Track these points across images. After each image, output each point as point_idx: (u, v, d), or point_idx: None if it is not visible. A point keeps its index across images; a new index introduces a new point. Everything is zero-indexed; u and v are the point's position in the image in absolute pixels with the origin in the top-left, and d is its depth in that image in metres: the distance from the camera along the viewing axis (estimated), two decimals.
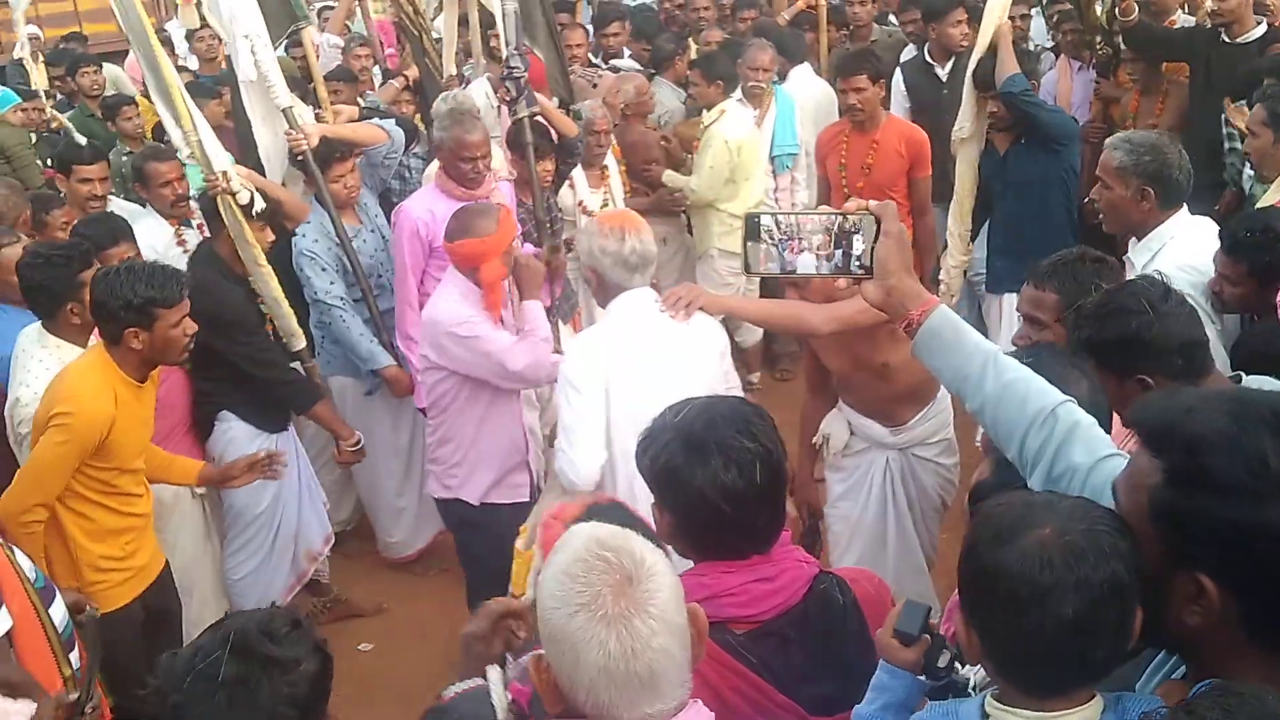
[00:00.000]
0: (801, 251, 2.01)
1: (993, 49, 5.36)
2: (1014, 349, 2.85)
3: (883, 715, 1.99)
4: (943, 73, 6.85)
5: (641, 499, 3.63)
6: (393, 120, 5.93)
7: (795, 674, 2.11)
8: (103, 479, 3.83)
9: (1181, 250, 3.76)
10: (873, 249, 1.99)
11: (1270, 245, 3.50)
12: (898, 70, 7.15)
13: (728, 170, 6.59)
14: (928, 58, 6.98)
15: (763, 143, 6.87)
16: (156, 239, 5.34)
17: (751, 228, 2.04)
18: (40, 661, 3.06)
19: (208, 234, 5.09)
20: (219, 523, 4.98)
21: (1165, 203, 3.85)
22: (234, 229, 4.70)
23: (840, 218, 2.00)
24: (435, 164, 5.41)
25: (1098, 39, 6.77)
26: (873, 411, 4.27)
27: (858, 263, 2.01)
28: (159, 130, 7.73)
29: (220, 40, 8.96)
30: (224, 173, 4.71)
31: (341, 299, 5.28)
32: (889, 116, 6.19)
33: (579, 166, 6.11)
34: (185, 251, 5.31)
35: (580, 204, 6.23)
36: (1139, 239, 3.91)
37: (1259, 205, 4.41)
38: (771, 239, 2.02)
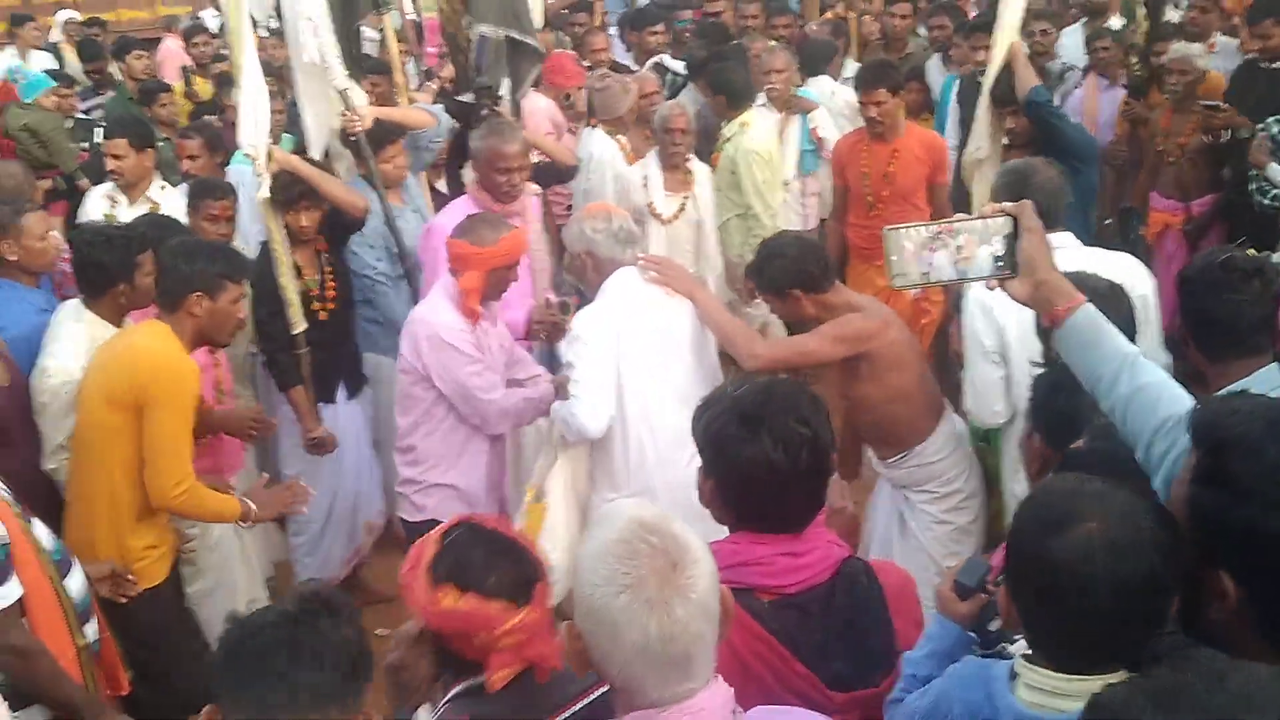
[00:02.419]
0: (938, 253, 2.04)
1: (1008, 66, 5.38)
2: None
3: (927, 661, 2.06)
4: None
5: (651, 463, 3.86)
6: (441, 107, 6.03)
7: (815, 648, 2.17)
8: None
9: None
10: (1014, 248, 2.02)
11: None
12: (952, 80, 7.15)
13: (771, 179, 6.55)
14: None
15: (789, 147, 6.89)
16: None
17: (893, 241, 2.06)
18: (53, 631, 3.07)
19: None
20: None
21: None
22: (263, 208, 4.90)
23: (978, 223, 2.04)
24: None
25: (1134, 59, 6.75)
26: (866, 437, 4.27)
27: (1000, 263, 2.04)
28: (196, 114, 7.89)
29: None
30: (252, 153, 4.83)
31: (386, 275, 5.43)
32: (908, 124, 6.23)
33: (659, 168, 6.04)
34: None
35: (650, 205, 6.10)
36: None
37: None
38: (913, 251, 2.05)
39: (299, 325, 4.94)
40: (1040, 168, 4.18)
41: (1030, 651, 1.81)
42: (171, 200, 5.65)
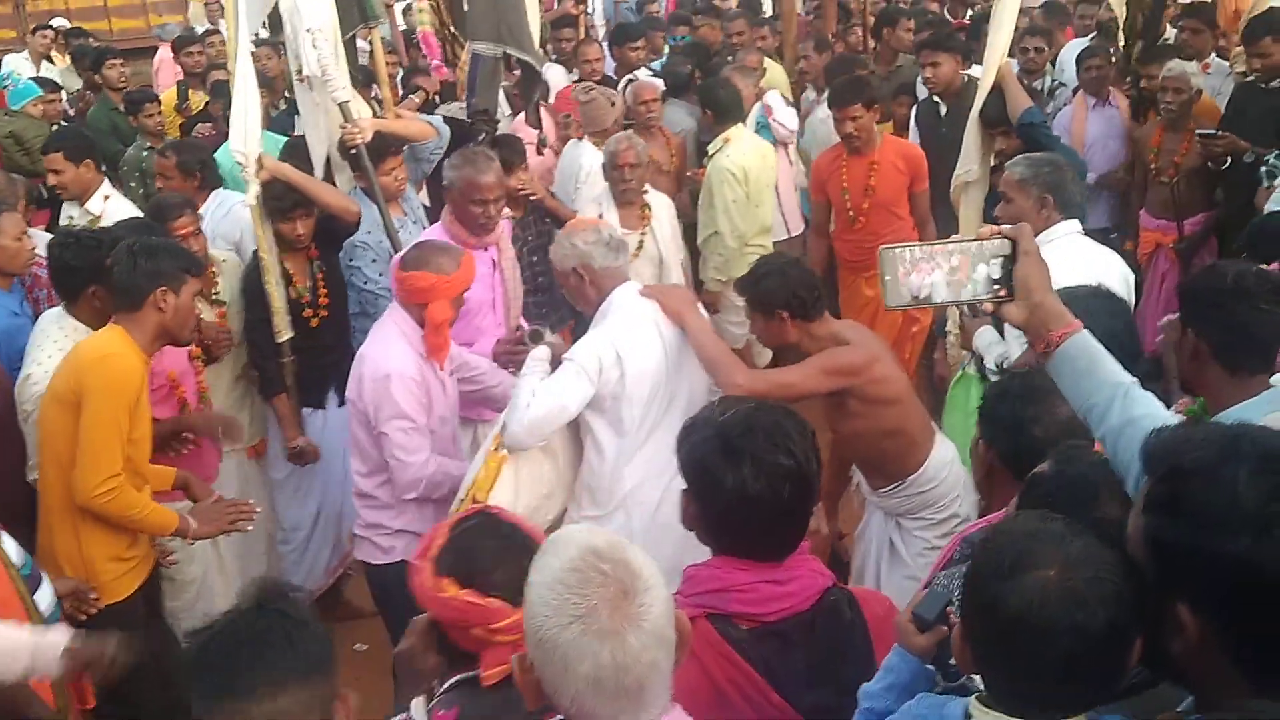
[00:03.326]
0: (934, 273, 1.99)
1: (997, 86, 5.30)
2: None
3: (885, 695, 2.00)
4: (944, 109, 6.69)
5: (631, 484, 3.79)
6: (440, 118, 5.96)
7: (794, 678, 2.13)
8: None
9: (1063, 250, 3.91)
10: (1010, 271, 1.99)
11: None
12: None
13: (745, 200, 6.45)
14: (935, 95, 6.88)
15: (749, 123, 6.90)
16: None
17: (888, 261, 2.01)
18: None
19: None
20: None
21: (1063, 210, 4.11)
22: (252, 213, 4.87)
23: (974, 244, 2.00)
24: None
25: (1126, 80, 6.75)
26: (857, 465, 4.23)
27: (996, 286, 2.00)
28: (186, 128, 7.87)
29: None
30: (242, 161, 4.82)
31: (388, 289, 5.23)
32: (884, 136, 6.23)
33: (613, 204, 5.81)
34: None
35: None
36: None
37: None
38: (907, 271, 2.00)
39: (284, 333, 4.89)
40: (1066, 161, 4.31)
41: (983, 693, 1.76)
42: (118, 211, 5.44)
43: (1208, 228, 6.19)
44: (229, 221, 5.59)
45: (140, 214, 5.14)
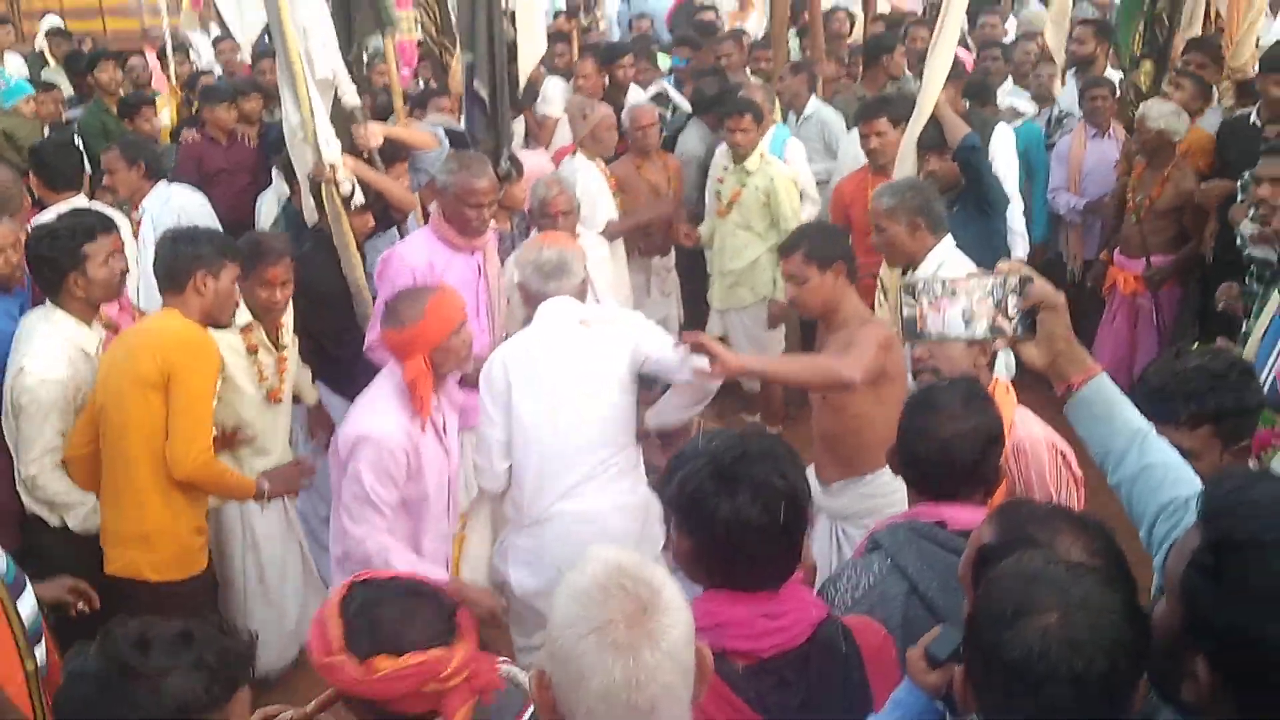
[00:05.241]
0: (954, 308, 1.98)
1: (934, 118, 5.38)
2: None
3: None
4: None
5: (549, 494, 3.83)
6: (441, 129, 5.97)
7: (790, 716, 2.08)
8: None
9: (953, 268, 4.20)
10: (1030, 310, 1.97)
11: None
12: None
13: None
14: None
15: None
16: None
17: (910, 292, 2.00)
18: (2, 654, 2.96)
19: None
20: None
21: (934, 229, 4.37)
22: (331, 214, 4.91)
23: (990, 279, 1.99)
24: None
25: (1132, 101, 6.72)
26: (815, 453, 4.16)
27: (1015, 323, 1.98)
28: (175, 134, 7.81)
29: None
30: (332, 164, 4.86)
31: None
32: None
33: None
34: None
35: None
36: (915, 267, 4.39)
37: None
38: (930, 305, 1.99)
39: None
40: (926, 183, 4.71)
41: None
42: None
43: (1179, 260, 6.21)
44: (169, 213, 5.58)
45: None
